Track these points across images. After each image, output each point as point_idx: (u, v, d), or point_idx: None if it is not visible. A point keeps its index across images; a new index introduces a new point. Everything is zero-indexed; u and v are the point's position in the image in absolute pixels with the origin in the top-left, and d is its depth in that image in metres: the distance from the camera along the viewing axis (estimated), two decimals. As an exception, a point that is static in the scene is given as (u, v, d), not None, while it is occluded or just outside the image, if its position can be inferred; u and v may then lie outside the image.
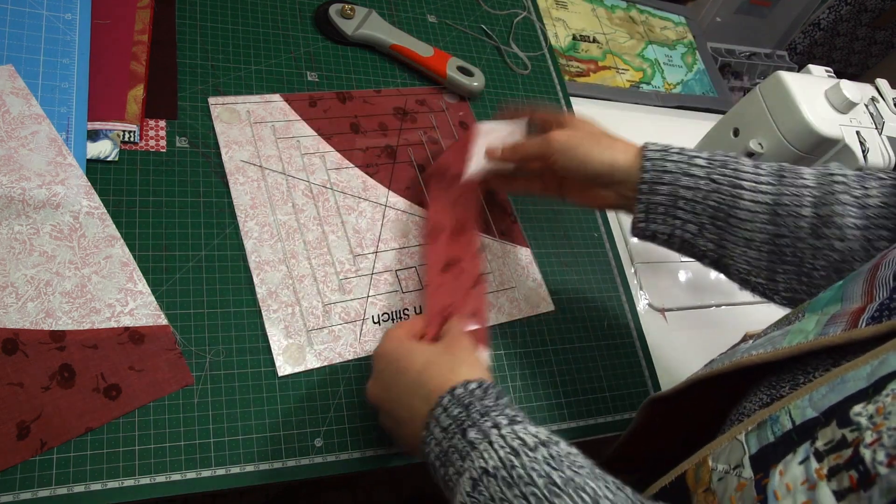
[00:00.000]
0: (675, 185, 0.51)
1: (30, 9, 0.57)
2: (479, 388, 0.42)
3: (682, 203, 0.51)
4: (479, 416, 0.39)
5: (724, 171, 0.50)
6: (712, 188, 0.50)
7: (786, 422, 0.33)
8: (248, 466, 0.50)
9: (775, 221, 0.48)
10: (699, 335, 0.76)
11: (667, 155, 0.52)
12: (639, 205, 0.53)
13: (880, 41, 1.83)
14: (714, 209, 0.50)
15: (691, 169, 0.51)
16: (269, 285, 0.57)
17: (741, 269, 0.51)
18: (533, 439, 0.37)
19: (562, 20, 0.97)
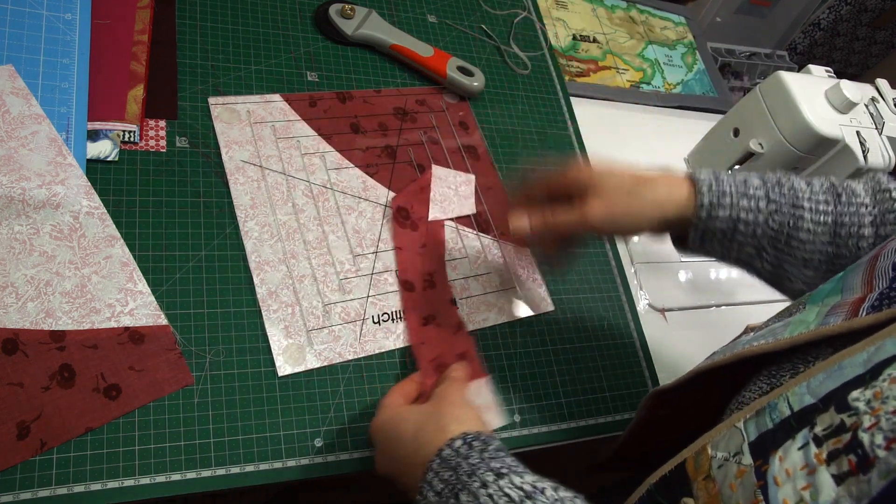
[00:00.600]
0: (735, 208, 0.48)
1: (30, 9, 0.57)
2: (463, 444, 0.42)
3: (741, 226, 0.48)
4: (467, 478, 0.39)
5: (781, 190, 0.48)
6: (772, 209, 0.47)
7: (784, 409, 0.33)
8: (248, 466, 0.50)
9: (836, 242, 0.47)
10: (699, 335, 0.76)
11: (720, 181, 0.49)
12: (694, 231, 0.50)
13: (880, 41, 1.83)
14: (775, 231, 0.48)
15: (748, 189, 0.48)
16: (269, 285, 0.57)
17: (797, 288, 0.50)
18: (518, 493, 0.37)
19: (562, 20, 0.97)
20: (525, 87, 0.82)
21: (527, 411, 0.61)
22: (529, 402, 0.61)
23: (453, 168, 0.71)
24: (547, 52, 0.87)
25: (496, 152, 0.74)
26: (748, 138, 0.67)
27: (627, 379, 0.67)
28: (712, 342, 0.76)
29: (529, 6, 0.90)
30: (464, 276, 0.65)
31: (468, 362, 0.59)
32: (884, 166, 0.64)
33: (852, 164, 0.63)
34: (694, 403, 0.48)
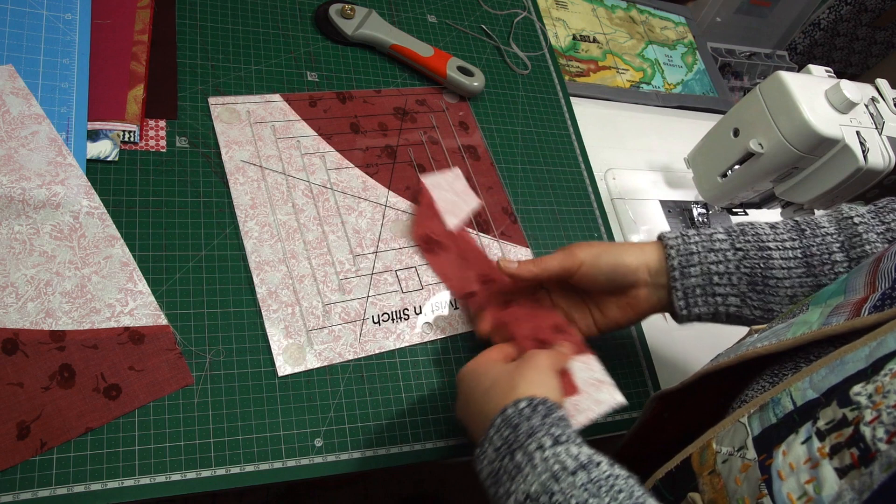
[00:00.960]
0: (704, 263, 0.52)
1: (30, 9, 0.57)
2: (528, 406, 0.42)
3: (716, 279, 0.52)
4: (525, 438, 0.40)
5: (745, 237, 0.51)
6: (740, 256, 0.51)
7: (787, 403, 0.34)
8: (248, 466, 0.50)
9: (812, 272, 0.49)
10: (699, 335, 0.76)
11: (687, 238, 0.53)
12: (675, 292, 0.53)
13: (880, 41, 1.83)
14: (749, 276, 0.50)
15: (714, 244, 0.52)
16: (269, 285, 0.57)
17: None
18: (573, 463, 0.37)
19: (562, 20, 0.97)
20: (525, 87, 0.82)
21: (527, 411, 0.61)
22: (529, 402, 0.61)
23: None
24: (547, 52, 0.87)
25: (496, 152, 0.74)
26: (748, 138, 0.67)
27: (627, 379, 0.67)
28: (712, 342, 0.76)
29: (529, 6, 0.90)
30: (464, 276, 0.65)
31: (567, 336, 0.56)
32: (883, 166, 0.64)
33: (852, 164, 0.63)
34: (696, 405, 0.48)
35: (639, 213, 0.81)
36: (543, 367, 0.47)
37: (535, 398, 0.43)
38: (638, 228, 0.80)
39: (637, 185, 0.84)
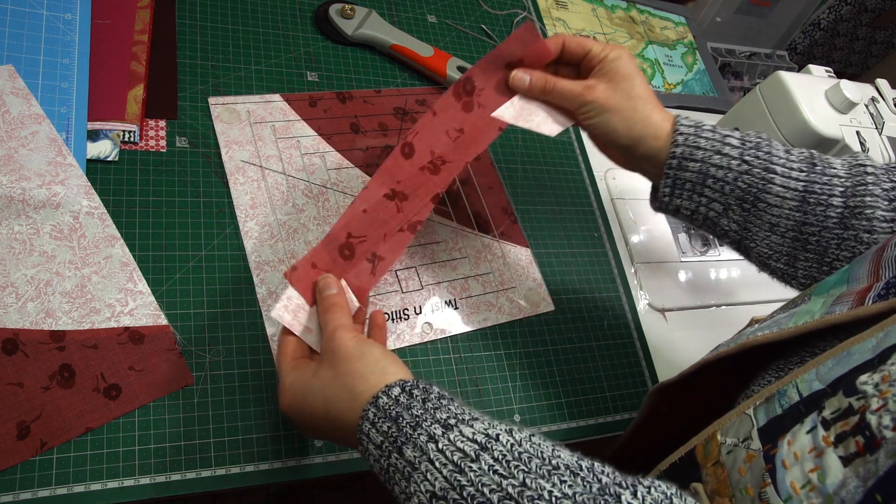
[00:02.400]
0: (706, 162, 0.49)
1: (30, 9, 0.57)
2: (402, 392, 0.39)
3: (710, 182, 0.49)
4: (410, 430, 0.36)
5: (756, 153, 0.48)
6: (744, 169, 0.48)
7: (793, 394, 0.33)
8: (248, 466, 0.50)
9: (803, 209, 0.47)
10: (699, 335, 0.76)
11: (700, 131, 0.50)
12: (665, 178, 0.51)
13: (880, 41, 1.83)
14: (743, 191, 0.48)
15: (724, 148, 0.49)
16: (269, 285, 0.57)
17: (762, 252, 0.51)
18: (472, 446, 0.34)
19: (562, 20, 0.97)
20: (525, 87, 0.82)
21: (527, 411, 0.61)
22: (529, 402, 0.61)
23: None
24: (547, 52, 0.87)
25: (496, 152, 0.74)
26: (748, 138, 0.67)
27: (627, 379, 0.67)
28: (712, 342, 0.76)
29: (529, 6, 0.90)
30: (464, 276, 0.65)
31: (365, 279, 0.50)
32: (884, 166, 0.64)
33: (852, 164, 0.63)
34: (696, 399, 0.48)
35: (639, 213, 0.81)
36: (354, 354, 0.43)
37: (406, 383, 0.40)
38: (638, 228, 0.80)
39: (637, 185, 0.84)
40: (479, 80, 0.53)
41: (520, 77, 0.53)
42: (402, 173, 0.52)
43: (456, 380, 0.60)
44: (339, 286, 0.48)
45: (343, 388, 0.41)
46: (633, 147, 0.51)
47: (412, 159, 0.52)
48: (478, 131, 0.53)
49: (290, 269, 0.48)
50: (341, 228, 0.50)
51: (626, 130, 0.50)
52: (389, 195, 0.51)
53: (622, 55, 0.52)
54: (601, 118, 0.51)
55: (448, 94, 0.53)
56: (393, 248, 0.51)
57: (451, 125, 0.53)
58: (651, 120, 0.50)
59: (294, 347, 0.47)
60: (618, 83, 0.51)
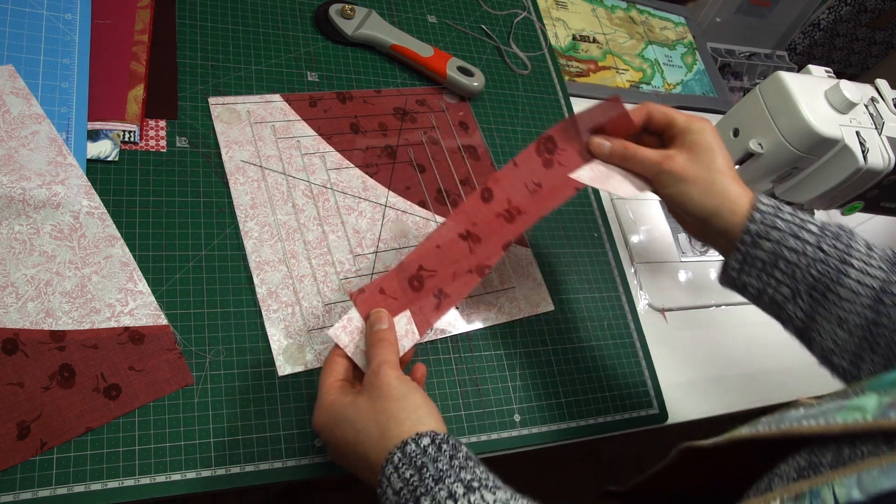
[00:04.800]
0: (780, 243, 0.48)
1: (30, 9, 0.57)
2: (431, 444, 0.39)
3: (782, 264, 0.48)
4: (433, 483, 0.37)
5: (835, 242, 0.47)
6: (819, 257, 0.47)
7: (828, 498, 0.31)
8: (248, 466, 0.50)
9: (877, 309, 0.45)
10: (699, 335, 0.76)
11: (779, 212, 0.49)
12: (736, 254, 0.50)
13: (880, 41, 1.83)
14: (815, 279, 0.47)
15: (801, 232, 0.48)
16: (269, 285, 0.57)
17: (826, 346, 0.49)
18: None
19: (562, 20, 0.97)
20: (525, 87, 0.82)
21: (527, 411, 0.61)
22: (529, 402, 0.61)
23: (453, 168, 0.71)
24: (547, 52, 0.87)
25: (496, 152, 0.74)
26: (748, 138, 0.67)
27: (627, 379, 0.67)
28: (712, 342, 0.76)
29: (529, 6, 0.90)
30: (464, 276, 0.65)
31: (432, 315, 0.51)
32: (883, 166, 0.64)
33: (852, 164, 0.63)
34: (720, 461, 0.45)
35: (639, 214, 0.81)
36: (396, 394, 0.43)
37: (437, 436, 0.40)
38: (638, 228, 0.80)
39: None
40: (561, 140, 0.55)
41: (600, 143, 0.54)
42: (479, 216, 0.53)
43: (456, 380, 0.60)
44: (391, 323, 0.49)
45: (376, 426, 0.41)
46: (709, 220, 0.50)
47: (490, 204, 0.53)
48: (555, 188, 0.54)
49: (358, 291, 0.49)
50: (414, 260, 0.51)
51: (703, 202, 0.50)
52: (464, 235, 0.53)
53: (706, 128, 0.51)
54: (678, 188, 0.51)
55: (530, 149, 0.54)
56: (459, 288, 0.52)
57: (530, 178, 0.54)
58: (729, 194, 0.50)
59: (341, 370, 0.47)
60: (698, 155, 0.51)
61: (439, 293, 0.52)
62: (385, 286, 0.50)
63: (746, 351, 0.78)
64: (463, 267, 0.52)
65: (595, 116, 0.54)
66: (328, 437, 0.45)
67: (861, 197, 0.69)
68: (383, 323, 0.48)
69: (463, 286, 0.52)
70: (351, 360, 0.48)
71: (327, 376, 0.47)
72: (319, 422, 0.45)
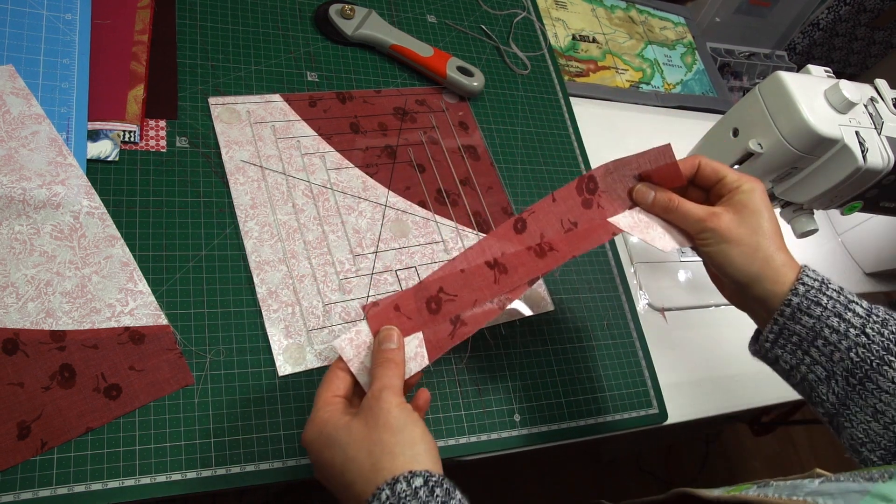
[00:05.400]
0: (821, 321, 0.45)
1: (30, 9, 0.57)
2: (423, 486, 0.37)
3: (820, 343, 0.46)
4: None
5: (881, 329, 0.45)
6: (862, 342, 0.44)
7: None
8: (248, 466, 0.50)
9: None
10: (699, 335, 0.76)
11: (825, 287, 0.46)
12: (773, 324, 0.48)
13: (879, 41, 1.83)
14: (854, 364, 0.44)
15: (846, 313, 0.45)
16: (269, 285, 0.57)
17: (856, 436, 0.46)
18: None
19: (561, 20, 0.97)
20: (525, 87, 0.82)
21: (527, 411, 0.61)
22: (529, 402, 0.61)
23: (453, 168, 0.71)
24: (546, 52, 0.87)
25: (496, 152, 0.74)
26: (747, 138, 0.67)
27: (627, 379, 0.67)
28: (712, 342, 0.76)
29: (529, 6, 0.90)
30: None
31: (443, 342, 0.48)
32: (883, 166, 0.64)
33: (851, 164, 0.63)
34: None
35: (638, 213, 0.81)
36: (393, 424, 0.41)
37: (430, 476, 0.38)
38: (637, 228, 0.80)
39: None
40: (603, 182, 0.53)
41: (644, 192, 0.52)
42: (508, 246, 0.51)
43: (456, 380, 0.60)
44: (401, 343, 0.46)
45: (368, 456, 0.40)
46: (749, 285, 0.48)
47: (522, 235, 0.51)
48: (591, 229, 0.52)
49: (371, 304, 0.47)
50: (435, 281, 0.49)
51: (745, 266, 0.48)
52: (491, 263, 0.50)
53: (756, 189, 0.50)
54: (720, 248, 0.49)
55: (571, 186, 0.53)
56: (477, 318, 0.49)
57: (567, 216, 0.52)
58: (773, 262, 0.48)
59: (341, 385, 0.45)
60: (745, 216, 0.49)
61: (456, 319, 0.49)
62: (401, 304, 0.48)
63: (746, 351, 0.78)
64: (485, 296, 0.50)
65: (643, 163, 0.53)
66: (316, 457, 0.42)
67: (860, 197, 0.69)
68: (393, 342, 0.46)
69: (482, 316, 0.49)
70: (353, 376, 0.46)
71: (325, 390, 0.45)
72: (309, 437, 0.43)
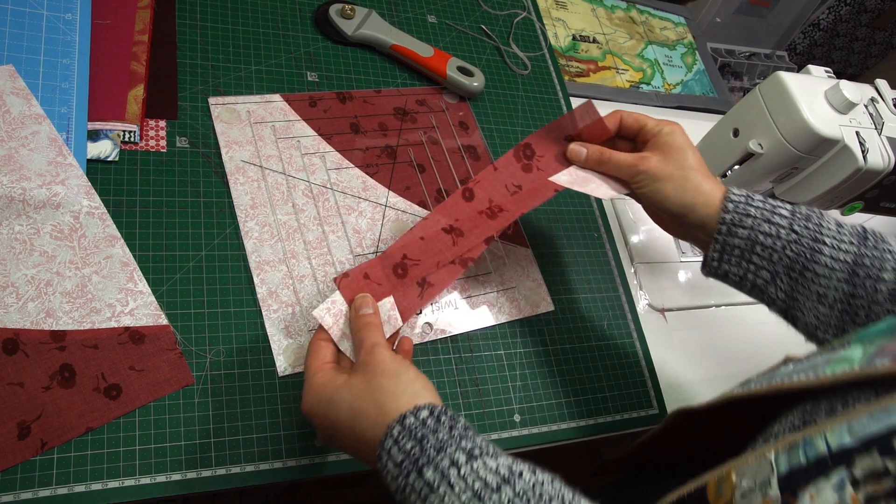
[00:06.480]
0: (755, 229, 0.50)
1: (30, 9, 0.57)
2: (430, 416, 0.40)
3: (758, 249, 0.50)
4: (434, 453, 0.37)
5: (806, 223, 0.49)
6: (792, 238, 0.49)
7: (821, 446, 0.32)
8: (248, 466, 0.50)
9: (853, 282, 0.47)
10: (699, 335, 0.76)
11: (750, 200, 0.51)
12: (714, 244, 0.52)
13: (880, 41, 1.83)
14: (791, 260, 0.49)
15: (773, 217, 0.50)
16: (269, 285, 0.57)
17: (810, 322, 0.50)
18: (494, 478, 0.35)
19: (562, 20, 0.97)
20: (525, 87, 0.82)
21: (527, 411, 0.61)
22: (529, 402, 0.61)
23: (453, 168, 0.71)
24: (547, 52, 0.87)
25: (496, 152, 0.74)
26: (748, 138, 0.67)
27: (627, 379, 0.67)
28: (712, 342, 0.76)
29: (529, 6, 0.90)
30: (464, 276, 0.65)
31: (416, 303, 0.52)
32: (883, 166, 0.64)
33: (852, 164, 0.63)
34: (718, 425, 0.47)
35: (639, 214, 0.81)
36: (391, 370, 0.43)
37: (435, 407, 0.40)
38: (638, 228, 0.80)
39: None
40: (539, 147, 0.58)
41: (577, 150, 0.57)
42: (460, 213, 0.55)
43: (456, 380, 0.60)
44: (376, 308, 0.49)
45: (372, 402, 0.42)
46: (685, 214, 0.52)
47: (472, 203, 0.56)
48: (535, 190, 0.57)
49: (341, 276, 0.50)
50: (399, 249, 0.52)
51: (678, 198, 0.52)
52: (447, 229, 0.55)
53: (675, 130, 0.54)
54: (654, 187, 0.53)
55: (509, 154, 0.57)
56: (442, 278, 0.53)
57: (510, 181, 0.57)
58: (702, 188, 0.52)
59: (327, 353, 0.47)
60: (671, 154, 0.53)
61: (423, 282, 0.53)
62: (369, 272, 0.51)
63: (746, 351, 0.78)
64: (446, 258, 0.54)
65: (571, 122, 0.57)
66: (321, 420, 0.44)
67: (861, 197, 0.69)
68: (368, 308, 0.48)
69: (446, 276, 0.53)
70: (335, 344, 0.48)
71: (314, 360, 0.47)
72: (310, 404, 0.44)
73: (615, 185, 0.57)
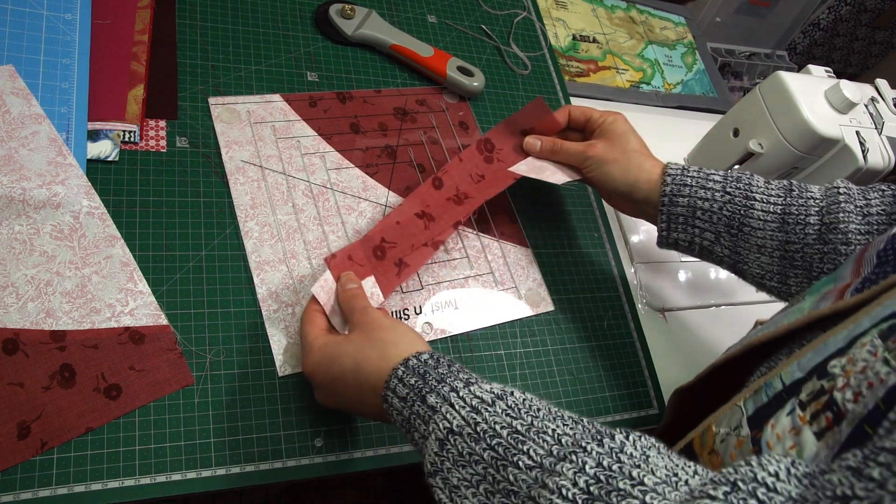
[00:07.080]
0: (693, 196, 0.56)
1: (30, 9, 0.57)
2: (430, 357, 0.44)
3: (699, 213, 0.56)
4: (436, 383, 0.41)
5: (737, 184, 0.55)
6: (727, 199, 0.55)
7: (777, 384, 0.37)
8: (248, 466, 0.50)
9: (784, 229, 0.53)
10: (699, 335, 0.76)
11: (685, 171, 0.57)
12: (661, 216, 0.58)
13: (880, 41, 1.83)
14: (728, 218, 0.55)
15: (707, 183, 0.56)
16: (269, 285, 0.57)
17: (755, 273, 0.56)
18: (490, 395, 0.38)
19: (562, 20, 0.97)
20: (525, 87, 0.82)
21: (527, 411, 0.61)
22: (529, 402, 0.61)
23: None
24: (547, 52, 0.87)
25: (496, 152, 0.74)
26: (748, 138, 0.67)
27: (627, 379, 0.67)
28: (712, 342, 0.76)
29: (529, 6, 0.90)
30: (464, 276, 0.65)
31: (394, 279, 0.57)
32: (883, 166, 0.64)
33: (852, 164, 0.63)
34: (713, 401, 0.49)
35: (639, 213, 0.81)
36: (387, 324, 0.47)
37: (433, 352, 0.44)
38: (638, 228, 0.80)
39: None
40: (498, 141, 0.66)
41: (532, 143, 0.65)
42: (431, 200, 0.61)
43: (456, 380, 0.60)
44: (360, 283, 0.54)
45: (375, 350, 0.45)
46: (631, 192, 0.59)
47: (441, 191, 0.62)
48: (496, 179, 0.64)
49: (330, 256, 0.55)
50: (377, 233, 0.58)
51: (623, 178, 0.59)
52: (420, 214, 0.60)
53: (618, 118, 0.62)
54: (601, 170, 0.60)
55: (472, 147, 0.65)
56: (417, 259, 0.59)
57: (474, 171, 0.64)
58: (644, 167, 0.59)
59: (323, 321, 0.52)
60: (615, 140, 0.61)
61: (399, 262, 0.58)
62: (353, 253, 0.56)
63: (746, 351, 0.78)
64: (420, 240, 0.59)
65: (525, 117, 0.64)
66: (323, 377, 0.47)
67: (861, 197, 0.69)
68: (354, 283, 0.53)
69: (420, 257, 0.59)
70: (326, 316, 0.52)
71: (312, 326, 0.51)
72: (313, 363, 0.48)
73: (568, 171, 0.64)
